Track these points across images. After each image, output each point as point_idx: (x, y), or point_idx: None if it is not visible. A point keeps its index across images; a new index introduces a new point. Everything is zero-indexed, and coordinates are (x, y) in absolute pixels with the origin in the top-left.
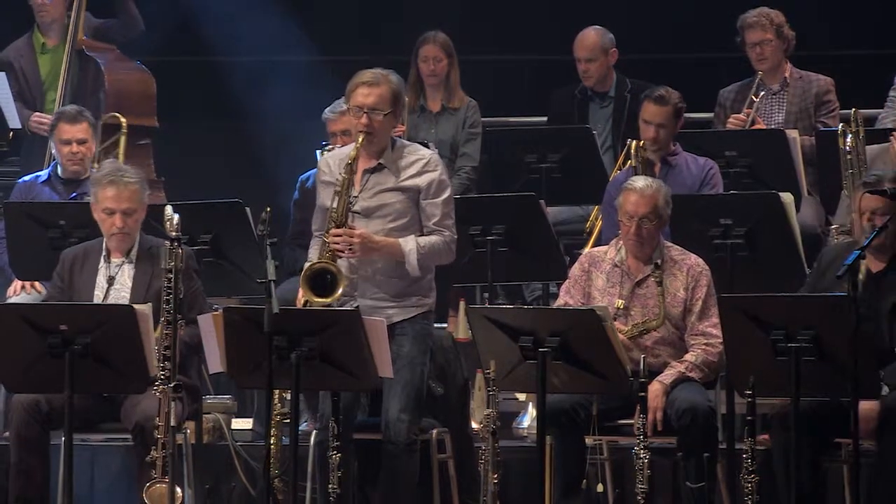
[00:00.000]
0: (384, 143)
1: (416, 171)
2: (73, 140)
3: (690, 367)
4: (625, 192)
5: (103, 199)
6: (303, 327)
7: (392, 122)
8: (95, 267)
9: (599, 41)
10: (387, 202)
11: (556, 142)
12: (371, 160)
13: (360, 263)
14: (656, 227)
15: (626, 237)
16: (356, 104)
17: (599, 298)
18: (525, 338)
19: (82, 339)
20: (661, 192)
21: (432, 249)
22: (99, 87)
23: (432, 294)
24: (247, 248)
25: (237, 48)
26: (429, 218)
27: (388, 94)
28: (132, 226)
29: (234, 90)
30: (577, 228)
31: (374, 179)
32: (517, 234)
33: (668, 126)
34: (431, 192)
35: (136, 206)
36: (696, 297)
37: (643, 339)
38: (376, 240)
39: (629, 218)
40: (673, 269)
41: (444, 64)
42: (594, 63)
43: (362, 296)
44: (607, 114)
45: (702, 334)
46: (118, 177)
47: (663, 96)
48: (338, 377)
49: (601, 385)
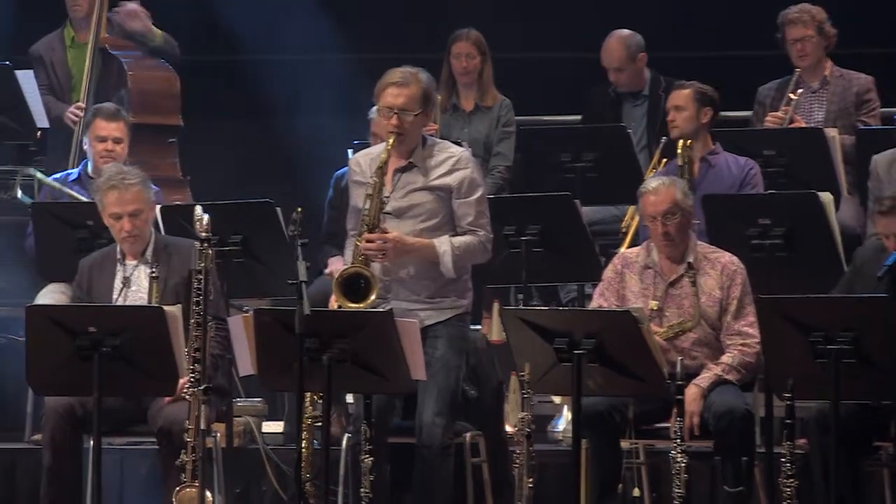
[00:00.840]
0: (415, 142)
1: (447, 170)
2: (110, 138)
3: (727, 369)
4: (642, 196)
5: (108, 205)
6: (334, 329)
7: (423, 122)
8: (112, 271)
9: (625, 51)
10: (418, 202)
11: (590, 141)
12: (401, 159)
13: (394, 265)
14: (682, 222)
15: (655, 239)
16: (386, 105)
17: (633, 300)
18: (560, 340)
19: (111, 340)
20: (677, 186)
21: (467, 250)
22: (121, 86)
23: (468, 295)
24: (278, 248)
25: (267, 46)
26: (462, 218)
27: (419, 93)
28: (141, 227)
29: (265, 88)
30: (612, 228)
31: (404, 179)
32: (552, 234)
33: (688, 108)
34: (463, 191)
35: (142, 206)
36: (732, 296)
37: (679, 340)
38: (410, 241)
39: (652, 219)
40: (707, 267)
41: (477, 61)
42: (623, 73)
43: (396, 297)
44: (642, 112)
45: (738, 334)
46: (119, 180)
47: (684, 83)
48: (370, 380)
49: (637, 387)
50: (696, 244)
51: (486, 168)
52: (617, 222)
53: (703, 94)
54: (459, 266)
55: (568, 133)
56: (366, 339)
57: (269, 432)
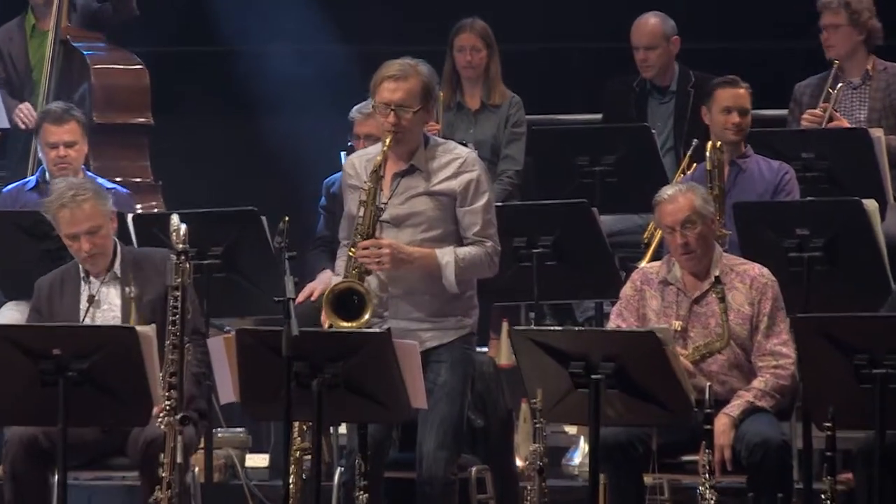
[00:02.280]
0: (415, 142)
1: (452, 173)
2: (60, 143)
3: (760, 395)
4: (657, 206)
5: (62, 226)
6: (326, 351)
7: (423, 120)
8: (76, 290)
9: (661, 27)
10: (418, 209)
11: (610, 142)
12: (401, 162)
13: (392, 279)
14: (703, 231)
15: (675, 252)
16: (382, 101)
17: (655, 320)
18: (576, 363)
19: (78, 364)
20: (696, 191)
21: (472, 262)
22: (84, 80)
23: (473, 314)
24: (262, 262)
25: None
26: (468, 228)
27: (418, 87)
28: (102, 242)
29: (247, 82)
30: (633, 240)
31: (404, 184)
32: (567, 246)
33: (749, 112)
34: (469, 196)
35: (100, 222)
36: (763, 312)
37: (707, 363)
38: (408, 251)
39: (670, 230)
40: (734, 281)
41: (483, 55)
42: (654, 51)
43: (394, 316)
44: (668, 110)
45: (770, 354)
46: (69, 198)
47: (736, 80)
48: (365, 408)
49: (662, 416)
50: (721, 256)
51: (494, 173)
52: (639, 233)
53: (751, 93)
54: (463, 280)
55: (585, 133)
56: (361, 362)
57: (252, 466)
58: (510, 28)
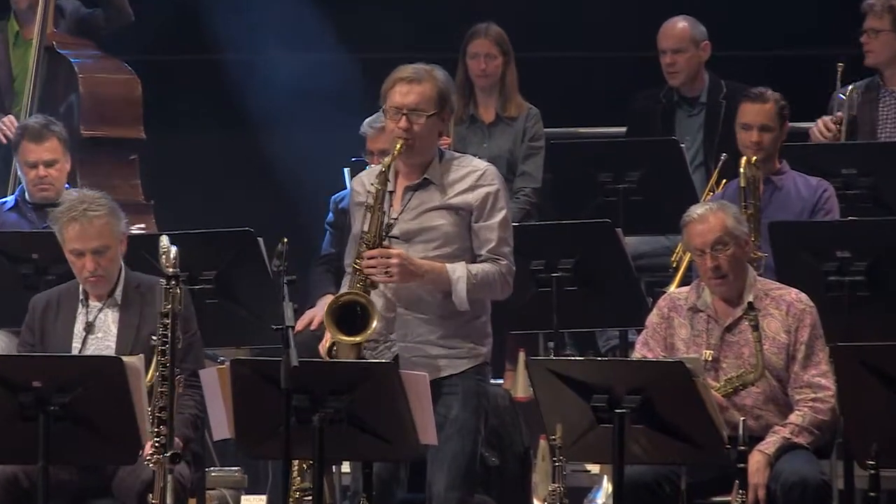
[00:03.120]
0: (428, 153)
1: (469, 186)
2: (40, 162)
3: (797, 431)
4: (686, 226)
5: (68, 240)
6: (328, 383)
7: (437, 127)
8: (72, 314)
9: (689, 30)
10: (432, 224)
11: (635, 157)
12: (413, 175)
13: (400, 299)
14: (735, 253)
15: (705, 276)
16: (393, 105)
17: (684, 350)
18: (599, 396)
19: (59, 397)
20: (728, 210)
21: (485, 280)
22: (71, 91)
23: (487, 342)
24: (259, 287)
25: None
26: (483, 244)
27: (433, 92)
28: (108, 265)
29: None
30: (660, 263)
31: (417, 198)
32: (588, 269)
33: (774, 128)
34: (486, 211)
35: (110, 242)
36: (800, 340)
37: (740, 396)
38: (418, 263)
39: (700, 253)
40: (769, 307)
41: (499, 63)
42: (682, 55)
43: (402, 339)
44: (698, 123)
45: (808, 386)
46: (80, 212)
47: (762, 94)
48: (370, 445)
49: (691, 453)
50: (755, 280)
51: (510, 190)
52: (666, 255)
53: (783, 109)
54: (475, 298)
55: (608, 148)
56: (365, 395)
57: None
58: (527, 34)
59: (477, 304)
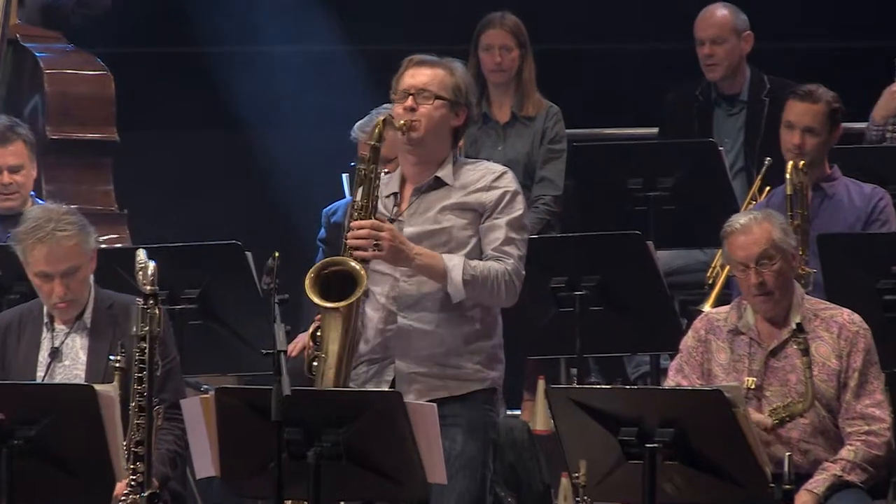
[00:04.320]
0: (437, 150)
1: (485, 185)
2: (4, 168)
3: (849, 468)
4: (727, 238)
5: (33, 263)
6: (324, 415)
7: (447, 120)
8: (36, 338)
9: (731, 20)
10: (443, 225)
11: (669, 161)
12: (422, 176)
13: (400, 306)
14: (782, 269)
15: (748, 294)
16: (402, 88)
17: (723, 377)
18: (627, 429)
19: (24, 431)
20: (774, 220)
21: (486, 276)
22: (37, 89)
23: (498, 368)
24: (247, 306)
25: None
26: (489, 242)
27: (448, 79)
28: (78, 288)
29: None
30: (696, 279)
31: (426, 200)
32: (616, 287)
33: (820, 132)
34: (499, 209)
35: (79, 263)
36: (853, 367)
37: (786, 429)
38: (410, 244)
39: (743, 268)
40: (819, 329)
41: (515, 55)
42: (722, 46)
43: (401, 356)
44: (738, 123)
45: (861, 417)
46: (48, 232)
47: (812, 92)
48: (372, 483)
49: (731, 493)
50: (803, 299)
51: (528, 199)
52: (702, 271)
53: (835, 111)
54: (472, 290)
55: (638, 151)
56: (366, 428)
57: None
58: (547, 24)
59: (487, 323)
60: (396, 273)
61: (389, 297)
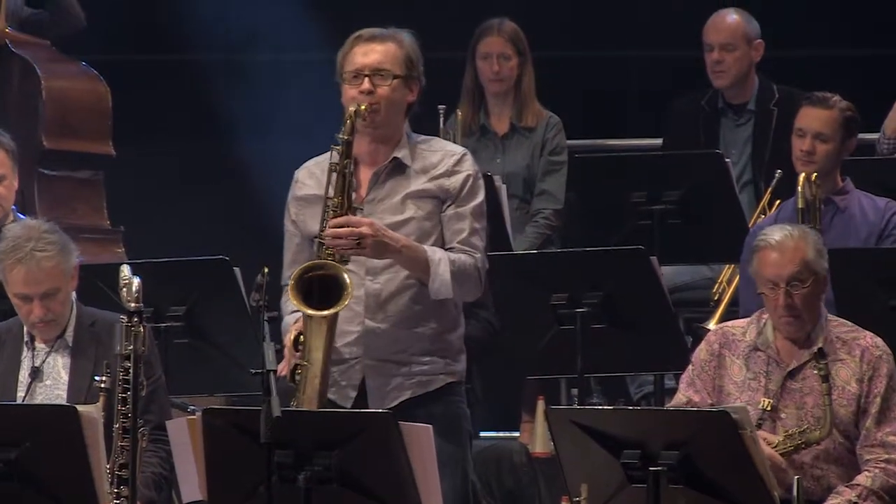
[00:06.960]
0: (395, 129)
1: (447, 170)
2: None
3: (865, 494)
4: (759, 252)
5: (12, 283)
6: (315, 436)
7: (403, 97)
8: (16, 357)
9: (742, 25)
10: (406, 215)
11: (673, 174)
12: (379, 157)
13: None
14: (813, 291)
15: (774, 314)
16: (353, 68)
17: (737, 395)
18: (630, 452)
19: (4, 453)
20: (809, 240)
21: (464, 270)
22: (30, 95)
23: (462, 357)
24: (235, 324)
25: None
26: (454, 233)
27: (399, 52)
28: (58, 310)
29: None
30: (702, 296)
31: (387, 185)
32: (618, 304)
33: (832, 139)
34: (462, 196)
35: (59, 284)
36: (874, 392)
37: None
38: (394, 235)
39: (773, 286)
40: (839, 351)
41: (514, 64)
42: (732, 53)
43: (369, 355)
44: (746, 134)
45: (881, 445)
46: (27, 252)
47: (826, 98)
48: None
49: None
50: (826, 320)
51: (528, 212)
52: (708, 288)
53: (850, 120)
54: (457, 285)
55: (641, 163)
56: (359, 450)
57: None
58: (547, 31)
59: (452, 316)
60: (361, 271)
61: (355, 296)
